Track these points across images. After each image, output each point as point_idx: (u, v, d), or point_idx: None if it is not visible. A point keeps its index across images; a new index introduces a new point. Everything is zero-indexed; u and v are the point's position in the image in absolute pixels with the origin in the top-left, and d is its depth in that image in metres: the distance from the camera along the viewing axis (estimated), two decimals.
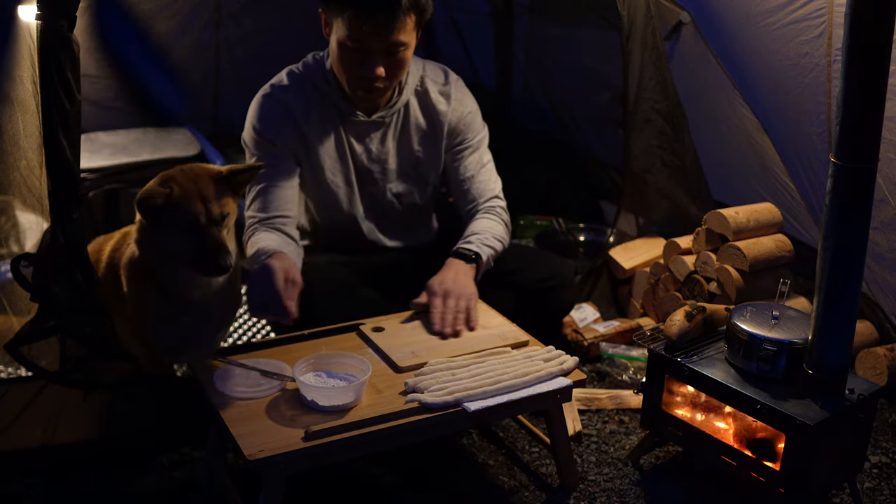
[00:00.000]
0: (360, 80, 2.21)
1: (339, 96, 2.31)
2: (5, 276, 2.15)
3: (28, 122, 2.03)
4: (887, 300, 2.74)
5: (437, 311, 2.17)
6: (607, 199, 3.84)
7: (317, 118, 2.33)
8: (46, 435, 2.16)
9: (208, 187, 2.05)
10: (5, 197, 2.33)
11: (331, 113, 2.34)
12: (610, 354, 2.78)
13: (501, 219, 2.44)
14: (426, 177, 2.49)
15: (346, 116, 2.34)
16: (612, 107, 3.60)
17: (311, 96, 2.33)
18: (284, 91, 2.33)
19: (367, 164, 2.40)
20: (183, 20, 3.78)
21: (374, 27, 2.10)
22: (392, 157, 2.42)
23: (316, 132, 2.33)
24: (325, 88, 2.32)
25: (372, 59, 2.16)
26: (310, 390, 1.84)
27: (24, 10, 1.95)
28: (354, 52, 2.16)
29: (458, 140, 2.46)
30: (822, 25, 2.57)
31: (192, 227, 2.02)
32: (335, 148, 2.36)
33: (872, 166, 1.80)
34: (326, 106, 2.33)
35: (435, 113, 2.42)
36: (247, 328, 2.96)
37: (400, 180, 2.46)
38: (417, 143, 2.43)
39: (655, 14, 2.91)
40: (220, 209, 2.04)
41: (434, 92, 2.42)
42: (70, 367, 2.10)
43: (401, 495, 2.16)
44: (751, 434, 2.07)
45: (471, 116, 2.47)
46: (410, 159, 2.44)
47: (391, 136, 2.40)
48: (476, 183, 2.46)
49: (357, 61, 2.17)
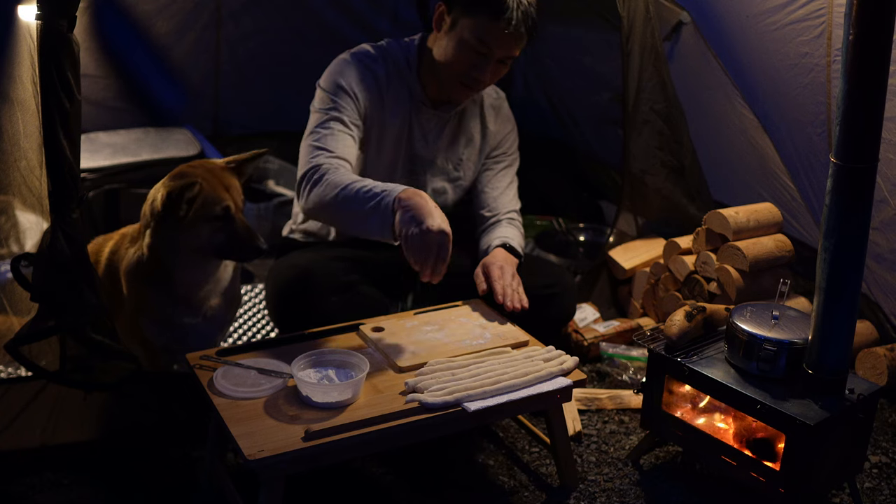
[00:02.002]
0: (469, 78, 2.30)
1: (415, 81, 2.39)
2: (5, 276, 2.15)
3: (28, 122, 2.03)
4: (887, 300, 2.74)
5: (500, 283, 2.25)
6: (607, 199, 3.84)
7: (395, 95, 2.39)
8: (46, 435, 2.16)
9: (226, 177, 2.13)
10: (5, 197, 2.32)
11: (405, 95, 2.41)
12: (610, 354, 2.78)
13: (521, 232, 2.56)
14: (462, 180, 2.56)
15: (416, 103, 2.41)
16: (612, 107, 3.60)
17: (392, 73, 2.39)
18: (373, 60, 2.38)
19: (421, 152, 2.47)
20: (183, 20, 3.78)
21: (505, 37, 2.21)
22: (440, 152, 2.50)
23: (391, 108, 2.39)
24: (405, 70, 2.39)
25: (487, 63, 2.27)
26: (306, 387, 1.84)
27: (24, 10, 1.95)
28: (475, 54, 2.25)
29: (498, 152, 2.59)
30: (822, 25, 2.57)
31: (224, 215, 2.09)
32: (400, 128, 2.42)
33: (872, 166, 1.80)
34: (403, 87, 2.40)
35: (485, 123, 2.55)
36: (247, 328, 2.97)
37: (438, 175, 2.52)
38: (464, 146, 2.53)
39: (655, 14, 2.91)
40: (240, 197, 2.14)
41: (487, 104, 2.55)
42: (70, 367, 2.10)
43: (401, 495, 2.16)
44: (751, 434, 2.07)
45: (513, 135, 2.62)
46: (454, 159, 2.52)
47: (446, 132, 2.49)
48: (503, 196, 2.58)
49: (473, 62, 2.27)
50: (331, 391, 1.83)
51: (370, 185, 2.08)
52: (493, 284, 2.26)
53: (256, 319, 3.02)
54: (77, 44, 1.90)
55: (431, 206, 2.00)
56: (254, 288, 3.20)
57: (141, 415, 2.26)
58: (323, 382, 1.86)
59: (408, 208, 1.98)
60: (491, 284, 2.27)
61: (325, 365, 1.93)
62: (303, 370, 1.89)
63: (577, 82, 3.94)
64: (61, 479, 2.12)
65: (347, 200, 2.08)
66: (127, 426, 2.25)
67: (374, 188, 2.06)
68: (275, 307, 2.35)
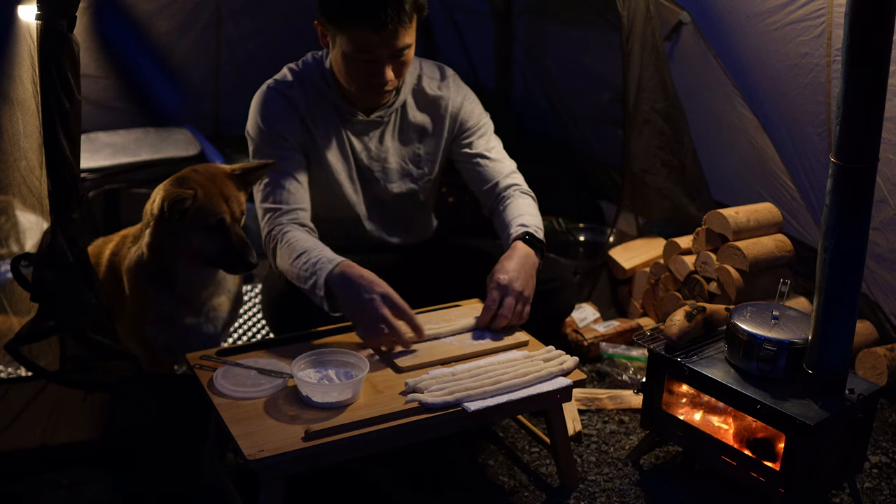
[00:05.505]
0: (371, 86, 2.23)
1: (337, 96, 2.32)
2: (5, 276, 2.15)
3: (28, 122, 2.03)
4: (887, 300, 2.74)
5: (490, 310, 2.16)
6: (607, 199, 3.84)
7: (319, 116, 2.34)
8: (46, 435, 2.16)
9: (227, 186, 2.11)
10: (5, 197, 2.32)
11: (331, 112, 2.34)
12: (610, 354, 2.78)
13: (531, 195, 2.46)
14: (427, 173, 2.49)
15: (345, 116, 2.34)
16: (612, 107, 3.59)
17: (312, 94, 2.33)
18: (289, 87, 2.33)
19: (368, 162, 2.40)
20: (183, 20, 3.78)
21: (382, 38, 2.12)
22: (392, 155, 2.42)
23: (320, 130, 2.34)
24: (324, 88, 2.32)
25: (381, 66, 2.18)
26: (306, 387, 1.84)
27: (24, 10, 1.95)
28: (362, 63, 2.18)
29: (463, 129, 2.47)
30: (821, 25, 2.57)
31: (218, 226, 2.07)
32: (338, 147, 2.36)
33: (872, 166, 1.80)
34: (326, 105, 2.34)
35: (434, 108, 2.44)
36: (247, 328, 2.97)
37: (400, 178, 2.45)
38: (417, 139, 2.44)
39: (655, 14, 2.91)
40: (239, 207, 2.10)
41: (431, 88, 2.43)
42: (70, 367, 2.10)
43: (401, 495, 2.16)
44: (751, 434, 2.07)
45: (470, 105, 2.48)
46: (410, 156, 2.45)
47: (389, 134, 2.41)
48: (490, 162, 2.46)
49: (366, 70, 2.19)
50: (331, 391, 1.84)
51: (307, 264, 2.09)
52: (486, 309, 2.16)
53: (256, 319, 3.02)
54: (77, 44, 1.90)
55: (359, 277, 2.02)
56: (254, 288, 3.20)
57: (141, 415, 2.26)
58: (323, 382, 1.86)
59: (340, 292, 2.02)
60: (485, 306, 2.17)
61: (326, 365, 1.93)
62: (303, 370, 1.89)
63: (577, 82, 3.94)
64: (61, 479, 2.12)
65: (294, 279, 2.14)
66: (127, 426, 2.25)
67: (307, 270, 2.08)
68: (269, 315, 2.34)
